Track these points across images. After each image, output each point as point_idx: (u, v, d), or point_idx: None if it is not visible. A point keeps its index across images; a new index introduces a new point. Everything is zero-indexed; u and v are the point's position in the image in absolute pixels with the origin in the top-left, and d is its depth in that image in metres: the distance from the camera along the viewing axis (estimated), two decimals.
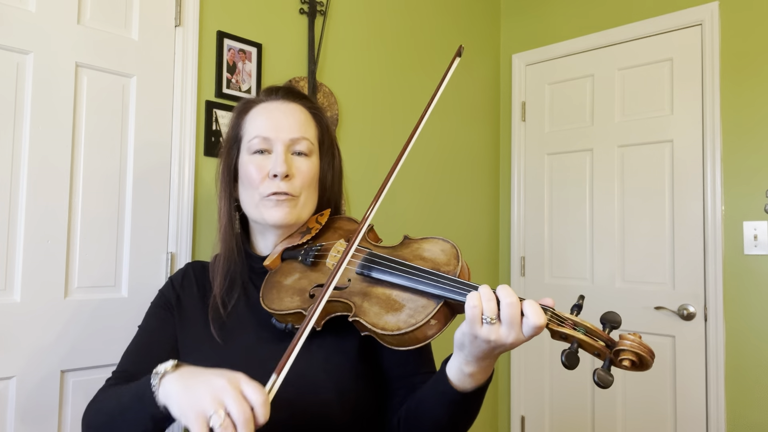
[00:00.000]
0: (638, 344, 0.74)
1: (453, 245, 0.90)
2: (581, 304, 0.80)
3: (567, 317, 0.77)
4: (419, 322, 0.80)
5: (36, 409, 1.39)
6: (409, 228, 2.38)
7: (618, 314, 0.77)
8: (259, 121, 1.05)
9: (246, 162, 1.05)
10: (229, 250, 1.08)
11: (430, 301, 0.82)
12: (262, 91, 1.12)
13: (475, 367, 0.81)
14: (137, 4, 1.60)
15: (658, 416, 2.34)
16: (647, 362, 0.74)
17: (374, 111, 2.27)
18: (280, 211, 1.02)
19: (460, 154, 2.68)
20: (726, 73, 2.25)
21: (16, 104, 1.39)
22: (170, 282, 1.13)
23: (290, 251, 1.03)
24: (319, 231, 1.05)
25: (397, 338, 0.82)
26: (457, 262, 0.86)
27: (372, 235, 1.03)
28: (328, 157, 1.12)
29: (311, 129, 1.08)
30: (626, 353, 0.74)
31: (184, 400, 0.72)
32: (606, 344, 0.75)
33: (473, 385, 0.83)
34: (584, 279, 2.59)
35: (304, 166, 1.04)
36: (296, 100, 1.09)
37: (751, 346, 2.15)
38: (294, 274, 0.99)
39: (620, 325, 0.76)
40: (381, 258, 0.91)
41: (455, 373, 0.83)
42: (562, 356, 0.73)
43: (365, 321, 0.84)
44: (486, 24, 2.87)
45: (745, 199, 2.19)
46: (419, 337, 0.81)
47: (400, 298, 0.85)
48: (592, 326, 0.76)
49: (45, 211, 1.42)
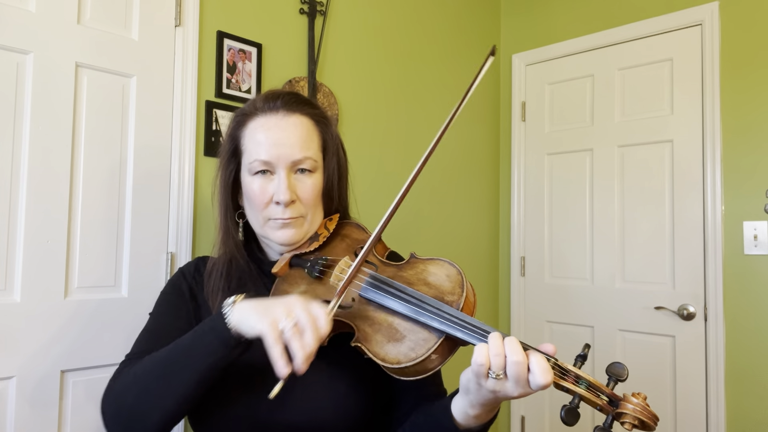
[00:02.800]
0: (641, 409, 0.72)
1: (458, 271, 0.88)
2: (586, 354, 0.78)
3: (570, 370, 0.75)
4: (419, 357, 0.80)
5: (36, 409, 1.39)
6: (409, 228, 2.38)
7: (624, 367, 0.76)
8: (259, 139, 1.00)
9: (248, 182, 1.02)
10: (231, 258, 1.06)
11: (432, 335, 0.81)
12: (261, 98, 1.05)
13: (479, 411, 0.81)
14: (137, 4, 1.60)
15: (658, 416, 2.34)
16: (649, 427, 0.73)
17: (374, 111, 2.27)
18: (287, 233, 1.01)
19: (460, 154, 2.68)
20: (726, 73, 2.25)
21: (16, 104, 1.39)
22: (181, 273, 1.10)
23: (298, 259, 1.02)
24: (327, 239, 1.05)
25: (398, 371, 0.82)
26: (462, 291, 0.85)
27: (380, 247, 1.02)
28: (334, 163, 1.08)
29: (314, 142, 1.04)
30: (628, 417, 0.72)
31: (260, 314, 0.80)
32: (609, 401, 0.74)
33: (477, 424, 0.83)
34: (584, 279, 2.59)
35: (308, 186, 1.02)
36: (297, 109, 1.04)
37: (751, 346, 2.15)
38: (301, 285, 0.99)
39: (626, 379, 0.75)
40: (385, 283, 0.90)
41: (460, 414, 0.83)
42: (562, 412, 0.72)
43: (367, 349, 0.84)
44: (486, 24, 2.87)
45: (745, 199, 2.18)
46: (419, 370, 0.81)
47: (401, 327, 0.84)
48: (595, 381, 0.74)
49: (45, 211, 1.42)
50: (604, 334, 2.51)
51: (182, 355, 0.86)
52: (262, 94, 1.07)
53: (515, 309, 2.80)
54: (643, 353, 2.39)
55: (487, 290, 2.83)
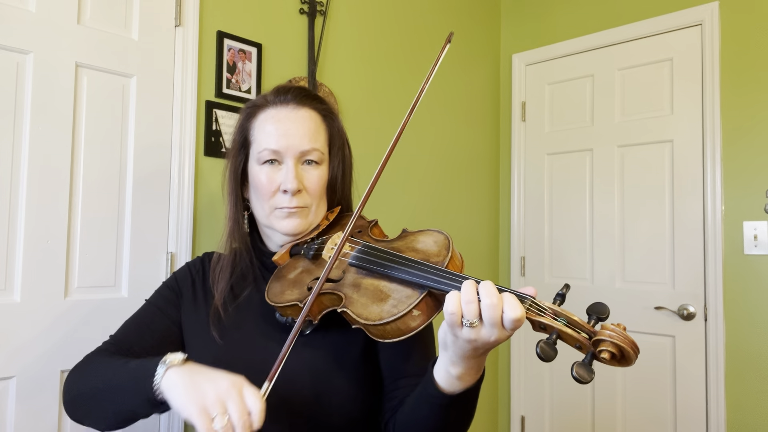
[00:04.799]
0: (619, 335, 0.68)
1: (446, 236, 0.88)
2: (564, 294, 0.75)
3: (547, 306, 0.73)
4: (401, 312, 0.78)
5: (36, 409, 1.39)
6: (409, 227, 2.38)
7: (606, 305, 0.72)
8: (269, 129, 1.03)
9: (256, 172, 1.04)
10: (236, 251, 1.08)
11: (414, 291, 0.80)
12: (272, 92, 1.08)
13: (461, 368, 0.78)
14: (137, 4, 1.60)
15: (658, 416, 2.34)
16: (629, 355, 0.68)
17: (374, 111, 2.27)
18: (292, 222, 1.03)
19: (460, 154, 2.68)
20: (726, 73, 2.25)
21: (16, 104, 1.39)
22: (187, 268, 1.14)
23: (297, 247, 1.05)
24: (326, 227, 1.07)
25: (380, 329, 0.80)
26: (447, 252, 0.85)
27: (376, 231, 1.04)
28: (339, 157, 1.10)
29: (322, 135, 1.06)
30: (605, 344, 0.68)
31: (189, 395, 0.76)
32: (588, 336, 0.70)
33: (462, 387, 0.81)
34: (584, 279, 2.59)
35: (314, 177, 1.04)
36: (307, 103, 1.06)
37: (751, 346, 2.15)
38: (297, 268, 1.00)
39: (607, 317, 0.71)
40: (373, 250, 0.91)
41: (442, 376, 0.81)
42: (537, 347, 0.68)
43: (351, 311, 0.83)
44: (486, 24, 2.87)
45: (745, 199, 2.19)
46: (402, 328, 0.79)
47: (387, 288, 0.84)
48: (574, 317, 0.71)
49: (45, 211, 1.42)
50: None
51: (116, 385, 0.88)
52: (273, 88, 1.09)
53: None
54: (643, 353, 2.38)
55: None
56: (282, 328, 0.97)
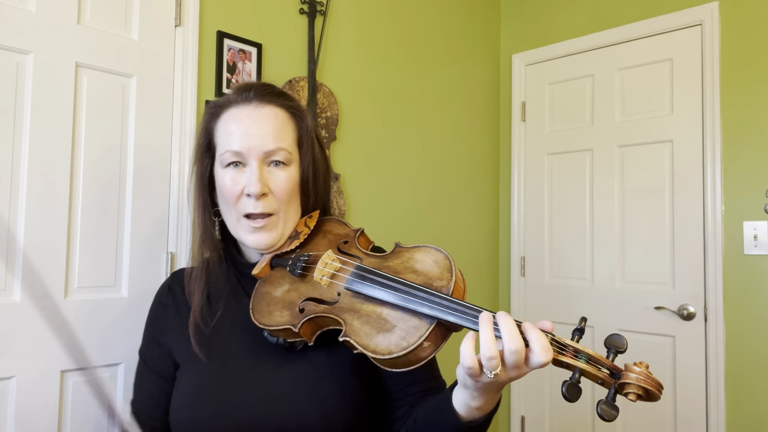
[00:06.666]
0: (645, 377, 0.69)
1: (446, 256, 0.85)
2: (583, 328, 0.74)
3: (568, 344, 0.72)
4: (411, 345, 0.76)
5: (36, 409, 1.38)
6: (409, 228, 2.38)
7: (623, 338, 0.72)
8: (230, 130, 0.97)
9: (221, 175, 0.98)
10: (208, 261, 1.03)
11: (423, 322, 0.77)
12: (234, 90, 1.01)
13: (482, 401, 0.77)
14: (137, 4, 1.60)
15: (658, 416, 2.34)
16: (655, 396, 0.69)
17: (374, 111, 2.27)
18: (259, 237, 0.97)
19: (460, 154, 2.68)
20: (726, 73, 2.25)
21: (16, 104, 1.39)
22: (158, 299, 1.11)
23: (279, 259, 0.99)
24: (308, 236, 1.01)
25: (389, 362, 0.78)
26: (451, 276, 0.82)
27: (363, 240, 0.99)
28: (309, 157, 1.02)
29: (288, 134, 1.00)
30: (632, 387, 0.69)
31: None
32: (610, 373, 0.71)
33: (481, 415, 0.80)
34: (584, 279, 2.59)
35: (281, 179, 0.97)
36: (271, 101, 1.00)
37: (751, 346, 2.15)
38: (283, 284, 0.95)
39: (625, 350, 0.72)
40: (371, 273, 0.86)
41: (462, 407, 0.79)
42: (563, 388, 0.68)
43: (356, 342, 0.80)
44: (486, 24, 2.87)
45: (745, 199, 2.18)
46: (412, 359, 0.77)
47: (391, 317, 0.80)
48: (594, 354, 0.71)
49: (45, 211, 1.42)
50: (605, 334, 2.49)
51: None
52: (235, 85, 1.03)
53: (515, 309, 2.80)
54: (643, 353, 2.38)
55: (487, 290, 2.83)
56: (274, 347, 0.93)
